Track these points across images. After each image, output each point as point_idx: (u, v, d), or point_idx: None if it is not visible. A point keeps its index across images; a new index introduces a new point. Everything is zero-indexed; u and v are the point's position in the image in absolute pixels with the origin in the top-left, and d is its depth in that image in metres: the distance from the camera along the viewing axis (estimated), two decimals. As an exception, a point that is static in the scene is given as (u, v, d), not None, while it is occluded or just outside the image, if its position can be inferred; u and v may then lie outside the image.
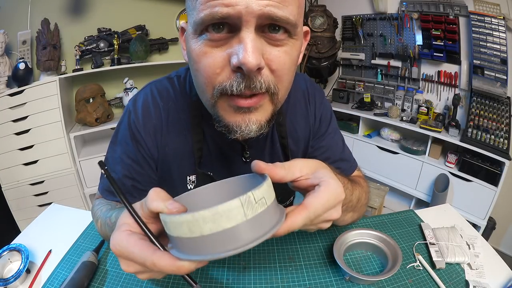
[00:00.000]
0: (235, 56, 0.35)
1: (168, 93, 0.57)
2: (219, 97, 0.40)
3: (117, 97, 2.14)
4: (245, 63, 0.34)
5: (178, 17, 2.30)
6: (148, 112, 0.55)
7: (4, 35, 1.60)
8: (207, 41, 0.37)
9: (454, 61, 1.86)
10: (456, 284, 0.59)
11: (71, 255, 0.64)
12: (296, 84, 0.61)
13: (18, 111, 1.67)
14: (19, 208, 1.78)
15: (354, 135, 2.25)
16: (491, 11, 1.64)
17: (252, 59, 0.34)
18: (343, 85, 2.49)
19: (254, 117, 0.40)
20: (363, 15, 2.25)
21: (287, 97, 0.47)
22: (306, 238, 0.71)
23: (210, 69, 0.38)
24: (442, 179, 1.80)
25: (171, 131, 0.56)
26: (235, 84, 0.37)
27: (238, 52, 0.35)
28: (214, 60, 0.37)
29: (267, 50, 0.37)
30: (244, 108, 0.39)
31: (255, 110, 0.40)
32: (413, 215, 0.79)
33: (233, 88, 0.37)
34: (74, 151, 1.83)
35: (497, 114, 1.67)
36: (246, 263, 0.63)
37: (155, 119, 0.55)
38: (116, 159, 0.57)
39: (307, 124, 0.64)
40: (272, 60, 0.38)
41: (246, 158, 0.59)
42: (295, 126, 0.62)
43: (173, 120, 0.56)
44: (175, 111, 0.56)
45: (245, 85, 0.37)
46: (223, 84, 0.38)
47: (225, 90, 0.38)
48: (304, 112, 0.63)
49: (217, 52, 0.37)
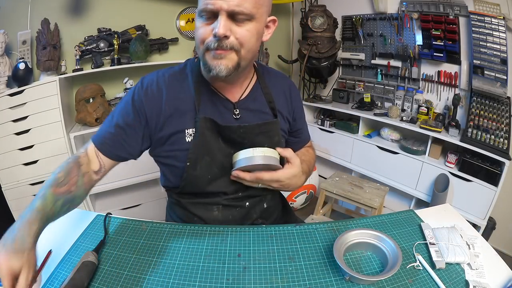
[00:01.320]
0: (215, 29, 0.62)
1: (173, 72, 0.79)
2: (206, 50, 0.66)
3: (117, 97, 2.13)
4: (217, 32, 0.62)
5: (178, 17, 2.30)
6: (151, 88, 0.75)
7: (4, 35, 1.60)
8: (203, 20, 0.65)
9: (454, 61, 1.86)
10: (456, 284, 0.59)
11: (71, 255, 0.64)
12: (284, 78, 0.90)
13: (18, 111, 1.66)
14: (19, 208, 1.78)
15: (354, 135, 2.25)
16: (491, 11, 1.64)
17: (221, 31, 0.62)
18: (343, 85, 2.49)
19: (224, 61, 0.66)
20: (363, 15, 2.25)
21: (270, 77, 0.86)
22: (306, 238, 0.71)
23: (202, 35, 0.66)
24: (442, 179, 1.80)
25: (173, 98, 0.75)
26: (212, 43, 0.64)
27: (216, 28, 0.62)
28: (205, 30, 0.65)
29: (233, 27, 0.64)
30: (216, 55, 0.65)
31: (223, 58, 0.66)
32: (413, 215, 0.79)
33: (210, 45, 0.65)
34: (74, 151, 1.82)
35: (497, 114, 1.67)
36: (246, 263, 0.63)
37: (157, 91, 0.74)
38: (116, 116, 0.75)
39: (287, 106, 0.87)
40: (236, 32, 0.64)
41: (236, 115, 0.78)
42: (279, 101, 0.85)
43: (175, 90, 0.76)
44: (176, 83, 0.77)
45: (217, 44, 0.64)
46: (208, 43, 0.65)
47: (208, 46, 0.65)
48: (287, 95, 0.87)
49: (207, 27, 0.65)
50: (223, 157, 0.77)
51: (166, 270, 0.61)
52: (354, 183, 1.90)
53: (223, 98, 0.77)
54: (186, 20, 2.33)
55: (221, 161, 0.77)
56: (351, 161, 2.31)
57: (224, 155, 0.77)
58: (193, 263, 0.63)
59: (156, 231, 0.72)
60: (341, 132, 2.31)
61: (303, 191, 2.26)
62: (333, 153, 2.43)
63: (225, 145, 0.77)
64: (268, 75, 0.86)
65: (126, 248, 0.67)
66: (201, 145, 0.74)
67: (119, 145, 0.74)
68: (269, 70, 0.88)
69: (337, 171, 2.13)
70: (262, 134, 0.79)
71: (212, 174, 0.77)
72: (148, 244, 0.68)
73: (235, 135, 0.76)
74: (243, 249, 0.67)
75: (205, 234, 0.72)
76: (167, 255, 0.65)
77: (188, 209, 0.82)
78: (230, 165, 0.78)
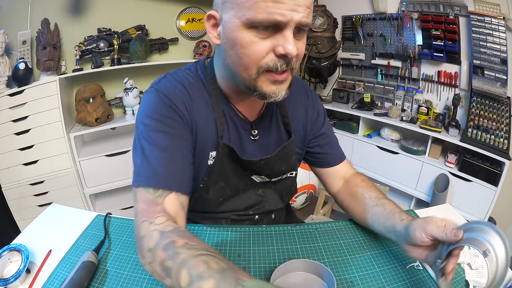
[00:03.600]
0: (281, 47, 0.51)
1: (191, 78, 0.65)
2: (262, 73, 0.54)
3: (117, 97, 2.14)
4: (290, 53, 0.51)
5: (178, 17, 2.30)
6: (174, 89, 0.62)
7: (4, 35, 1.60)
8: (256, 33, 0.51)
9: (454, 61, 1.86)
10: (456, 284, 0.59)
11: (71, 255, 0.64)
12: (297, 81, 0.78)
13: (18, 111, 1.67)
14: (19, 208, 1.78)
15: (354, 135, 2.25)
16: (491, 11, 1.64)
17: (293, 50, 0.51)
18: (343, 85, 2.49)
19: (283, 86, 0.57)
20: (363, 15, 2.25)
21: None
22: (306, 238, 0.71)
23: (259, 54, 0.52)
24: (442, 179, 1.80)
25: (199, 110, 0.63)
26: (279, 64, 0.53)
27: (284, 45, 0.51)
28: (262, 48, 0.52)
29: (296, 43, 0.52)
30: (280, 80, 0.55)
31: (284, 81, 0.56)
32: (413, 215, 0.79)
33: (277, 67, 0.53)
34: (74, 151, 1.83)
35: (497, 114, 1.66)
36: (246, 263, 0.63)
37: (181, 95, 0.62)
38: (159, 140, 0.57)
39: (306, 113, 0.77)
40: (298, 49, 0.53)
41: (254, 136, 0.70)
42: (295, 111, 0.75)
43: (197, 98, 0.63)
44: (197, 92, 0.64)
45: (286, 65, 0.53)
46: (268, 65, 0.53)
47: (269, 68, 0.53)
48: (304, 102, 0.77)
49: (262, 42, 0.52)
50: (238, 179, 0.72)
51: (166, 270, 0.61)
52: (354, 183, 1.90)
53: (242, 118, 0.68)
54: (186, 20, 2.33)
55: (235, 183, 0.72)
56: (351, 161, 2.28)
57: (239, 177, 0.72)
58: (193, 263, 0.63)
59: (156, 231, 0.72)
60: (341, 132, 2.31)
61: (303, 191, 2.26)
62: (333, 153, 2.43)
63: (242, 169, 0.71)
64: None
65: (126, 248, 0.67)
66: (218, 172, 0.68)
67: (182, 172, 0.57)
68: None
69: (337, 171, 2.13)
70: (281, 160, 0.73)
71: (224, 197, 0.73)
72: (148, 244, 0.68)
73: (255, 166, 0.70)
74: (243, 249, 0.67)
75: (205, 234, 0.72)
76: (167, 255, 0.65)
77: (195, 220, 0.78)
78: (243, 186, 0.74)
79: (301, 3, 0.49)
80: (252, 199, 0.77)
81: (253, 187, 0.76)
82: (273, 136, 0.72)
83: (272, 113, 0.72)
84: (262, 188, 0.77)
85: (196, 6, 2.33)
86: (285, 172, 0.76)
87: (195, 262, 0.42)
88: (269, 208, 0.80)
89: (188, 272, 0.41)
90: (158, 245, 0.46)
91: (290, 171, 0.78)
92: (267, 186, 0.78)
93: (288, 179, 0.80)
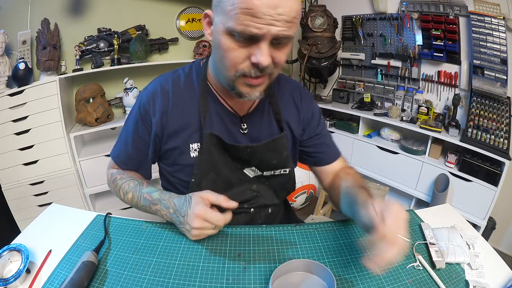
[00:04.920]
0: (255, 57, 0.56)
1: (178, 80, 0.73)
2: (238, 77, 0.60)
3: (117, 97, 2.14)
4: (261, 63, 0.56)
5: (178, 17, 2.30)
6: (155, 97, 0.71)
7: (4, 35, 1.60)
8: (234, 41, 0.56)
9: (454, 61, 1.86)
10: (456, 284, 0.59)
11: (71, 255, 0.64)
12: (292, 83, 0.84)
13: (18, 111, 1.67)
14: (19, 208, 1.78)
15: (354, 135, 2.25)
16: (491, 11, 1.64)
17: (265, 61, 0.56)
18: (343, 85, 2.49)
19: (258, 89, 0.62)
20: (363, 15, 2.25)
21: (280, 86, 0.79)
22: (306, 238, 0.71)
23: (236, 59, 0.57)
24: (442, 179, 1.80)
25: (178, 109, 0.71)
26: (253, 71, 0.58)
27: (257, 55, 0.55)
28: (239, 54, 0.57)
29: (274, 52, 0.57)
30: (254, 85, 0.61)
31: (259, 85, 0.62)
32: (413, 215, 0.79)
33: (251, 74, 0.59)
34: (74, 151, 1.83)
35: (497, 114, 1.66)
36: (246, 263, 0.63)
37: (162, 101, 0.71)
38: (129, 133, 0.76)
39: (298, 113, 0.81)
40: (276, 58, 0.58)
41: (243, 129, 0.75)
42: (287, 111, 0.79)
43: (180, 100, 0.72)
44: (182, 93, 0.72)
45: (259, 72, 0.58)
46: (244, 70, 0.59)
47: (244, 74, 0.59)
48: (298, 104, 0.81)
49: (240, 50, 0.56)
50: (229, 171, 0.75)
51: (166, 270, 0.61)
52: (354, 183, 1.90)
53: (230, 112, 0.74)
54: (186, 20, 2.33)
55: (226, 175, 0.75)
56: (351, 161, 2.31)
57: (230, 169, 0.75)
58: (193, 263, 0.63)
59: (156, 231, 0.72)
60: (341, 132, 2.31)
61: (303, 191, 2.26)
62: (333, 153, 2.43)
63: (231, 160, 0.75)
64: (278, 85, 0.80)
65: (126, 248, 0.67)
66: (207, 162, 0.72)
67: (141, 163, 0.79)
68: (279, 78, 0.81)
69: (337, 171, 2.13)
70: (270, 151, 0.76)
71: (218, 189, 0.74)
72: (148, 244, 0.68)
73: (242, 154, 0.74)
74: (243, 249, 0.67)
75: (205, 234, 0.72)
76: (167, 255, 0.65)
77: None
78: (236, 179, 0.77)
79: (280, 18, 0.52)
80: (247, 194, 0.79)
81: (247, 182, 0.79)
82: (264, 130, 0.76)
83: (264, 109, 0.76)
84: (257, 183, 0.80)
85: (196, 6, 2.33)
86: (277, 167, 0.79)
87: (123, 184, 0.76)
88: (265, 202, 0.82)
89: (122, 191, 0.76)
90: (110, 180, 0.82)
91: (283, 168, 0.80)
92: (260, 181, 0.80)
93: (282, 176, 0.81)
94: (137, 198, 0.73)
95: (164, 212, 0.69)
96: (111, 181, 0.81)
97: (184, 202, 0.67)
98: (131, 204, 0.76)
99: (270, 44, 0.56)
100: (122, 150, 0.79)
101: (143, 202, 0.72)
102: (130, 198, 0.75)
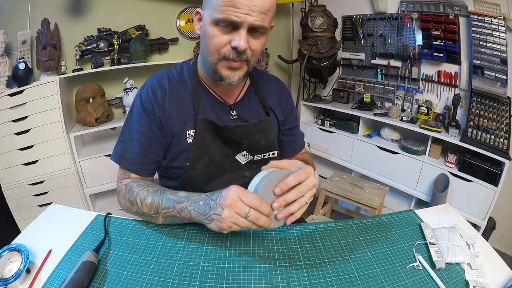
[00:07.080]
0: (234, 41, 0.65)
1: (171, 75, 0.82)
2: (220, 60, 0.69)
3: (117, 97, 2.14)
4: (240, 46, 0.65)
5: (178, 17, 2.30)
6: (155, 90, 0.78)
7: (4, 35, 1.60)
8: (218, 29, 0.66)
9: (454, 61, 1.86)
10: (456, 284, 0.59)
11: (71, 255, 0.64)
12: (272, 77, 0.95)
13: (18, 111, 1.66)
14: (19, 208, 1.78)
15: (354, 135, 2.25)
16: (491, 11, 1.64)
17: (243, 45, 0.65)
18: (343, 85, 2.49)
19: (238, 73, 0.71)
20: (363, 15, 2.25)
21: (262, 79, 0.90)
22: (306, 238, 0.71)
23: (219, 44, 0.67)
24: (442, 179, 1.80)
25: (176, 99, 0.78)
26: (232, 54, 0.67)
27: (236, 40, 0.65)
28: (221, 40, 0.66)
29: (251, 40, 0.67)
30: (233, 67, 0.70)
31: (238, 69, 0.71)
32: (413, 215, 0.79)
33: (230, 56, 0.68)
34: (74, 151, 1.83)
35: (497, 114, 1.67)
36: (246, 263, 0.63)
37: (161, 93, 0.78)
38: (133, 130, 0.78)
39: (280, 104, 0.91)
40: (252, 45, 0.68)
41: (233, 116, 0.82)
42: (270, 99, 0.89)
43: (176, 91, 0.79)
44: (177, 85, 0.80)
45: (237, 56, 0.68)
46: (225, 53, 0.68)
47: (225, 57, 0.68)
48: (279, 95, 0.91)
49: (223, 36, 0.66)
50: (222, 157, 0.80)
51: (166, 270, 0.61)
52: (354, 183, 1.90)
53: (221, 101, 0.81)
54: (186, 20, 2.33)
55: (219, 161, 0.80)
56: (351, 161, 2.31)
57: (223, 155, 0.81)
58: (193, 263, 0.63)
59: (156, 231, 0.72)
60: (341, 132, 2.31)
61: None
62: (333, 153, 2.43)
63: (224, 145, 0.80)
64: (261, 77, 0.91)
65: (126, 248, 0.67)
66: (200, 146, 0.77)
67: (150, 161, 0.79)
68: (261, 73, 0.93)
69: (337, 171, 2.13)
70: (259, 132, 0.82)
71: (211, 174, 0.80)
72: (148, 244, 0.68)
73: (233, 135, 0.79)
74: (243, 249, 0.67)
75: (205, 234, 0.72)
76: (167, 255, 0.65)
77: None
78: (228, 165, 0.82)
79: (255, 9, 0.63)
80: (240, 180, 0.83)
81: (240, 168, 0.84)
82: (252, 115, 0.84)
83: (250, 98, 0.86)
84: (249, 170, 0.85)
85: (196, 6, 2.33)
86: (266, 148, 0.85)
87: (141, 191, 0.72)
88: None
89: (139, 198, 0.71)
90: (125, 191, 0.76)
91: (272, 150, 0.87)
92: (252, 167, 0.85)
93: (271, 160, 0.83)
94: (159, 200, 0.69)
95: (192, 207, 0.64)
96: (126, 192, 0.75)
97: (217, 192, 0.63)
98: (148, 212, 0.70)
99: (248, 32, 0.65)
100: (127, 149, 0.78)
101: (165, 203, 0.68)
102: (149, 203, 0.70)
